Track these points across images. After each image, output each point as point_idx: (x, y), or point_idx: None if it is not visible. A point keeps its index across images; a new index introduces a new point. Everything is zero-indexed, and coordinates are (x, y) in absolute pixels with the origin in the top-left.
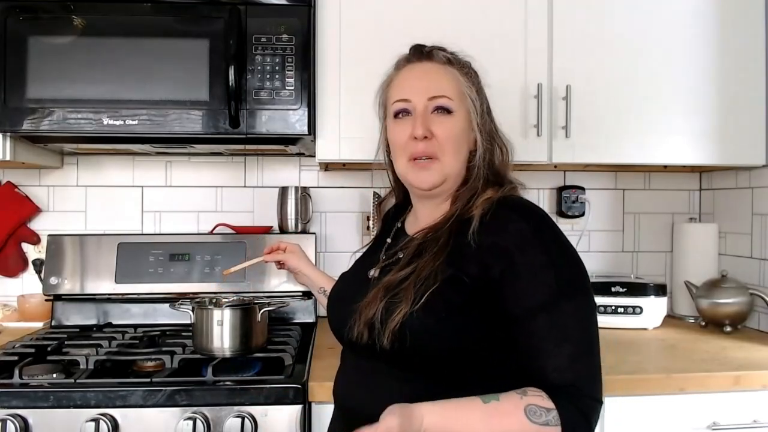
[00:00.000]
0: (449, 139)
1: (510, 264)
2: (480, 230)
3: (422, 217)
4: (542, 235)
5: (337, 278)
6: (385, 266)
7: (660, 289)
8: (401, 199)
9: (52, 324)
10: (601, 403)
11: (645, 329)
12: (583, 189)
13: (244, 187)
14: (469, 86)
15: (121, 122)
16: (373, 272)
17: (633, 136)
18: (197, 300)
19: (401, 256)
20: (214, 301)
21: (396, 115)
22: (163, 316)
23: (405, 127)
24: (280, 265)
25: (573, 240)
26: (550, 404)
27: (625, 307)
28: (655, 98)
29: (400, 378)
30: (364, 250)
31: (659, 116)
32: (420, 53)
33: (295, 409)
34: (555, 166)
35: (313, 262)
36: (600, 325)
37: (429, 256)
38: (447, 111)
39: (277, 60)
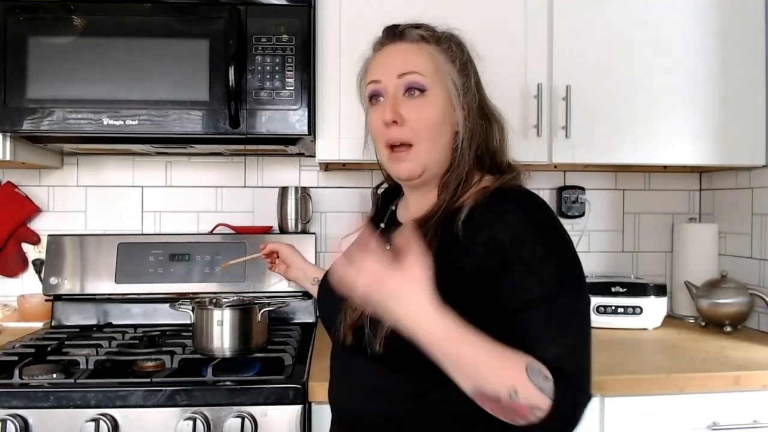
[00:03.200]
0: (422, 123)
1: (507, 258)
2: (472, 222)
3: (412, 204)
4: (540, 227)
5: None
6: None
7: (660, 289)
8: (394, 185)
9: (52, 324)
10: (590, 397)
11: (645, 329)
12: (583, 189)
13: (244, 187)
14: (448, 62)
15: (121, 122)
16: None
17: (633, 136)
18: (197, 300)
19: (388, 248)
20: (214, 301)
21: (370, 99)
22: (163, 316)
23: (378, 113)
24: (272, 263)
25: (573, 240)
26: (550, 376)
27: (625, 307)
28: (655, 98)
29: (389, 376)
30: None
31: (659, 116)
32: (393, 34)
33: (295, 409)
34: (555, 166)
35: (313, 262)
36: (600, 325)
37: None
38: (419, 90)
39: (277, 60)
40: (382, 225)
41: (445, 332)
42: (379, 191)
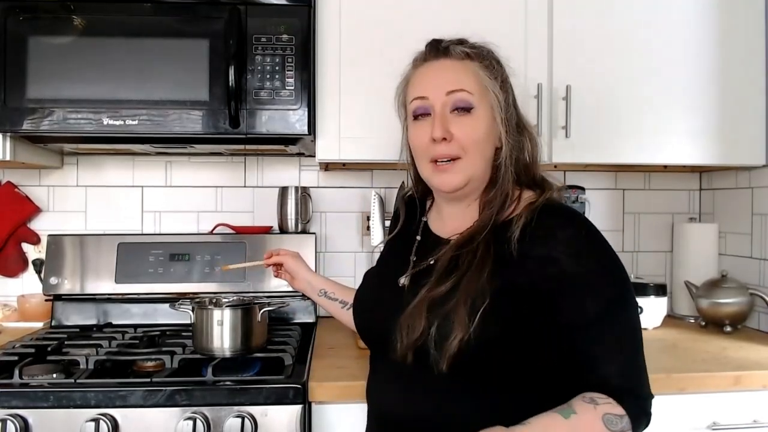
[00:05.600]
0: (470, 140)
1: (563, 274)
2: (525, 238)
3: (448, 217)
4: (592, 243)
5: (335, 281)
6: (416, 274)
7: (660, 289)
8: (422, 195)
9: (52, 324)
10: (653, 397)
11: (645, 329)
12: (583, 189)
13: (244, 187)
14: (491, 79)
15: (121, 122)
16: (404, 280)
17: (633, 136)
18: (197, 300)
19: (432, 262)
20: (214, 301)
21: (415, 116)
22: (163, 316)
23: (424, 129)
24: (277, 271)
25: None
26: (621, 411)
27: None
28: (655, 98)
29: (456, 390)
30: (386, 241)
31: (659, 116)
32: (436, 50)
33: (295, 409)
34: (555, 166)
35: (313, 262)
36: None
37: (472, 271)
38: (466, 109)
39: (277, 60)
40: (418, 237)
41: None
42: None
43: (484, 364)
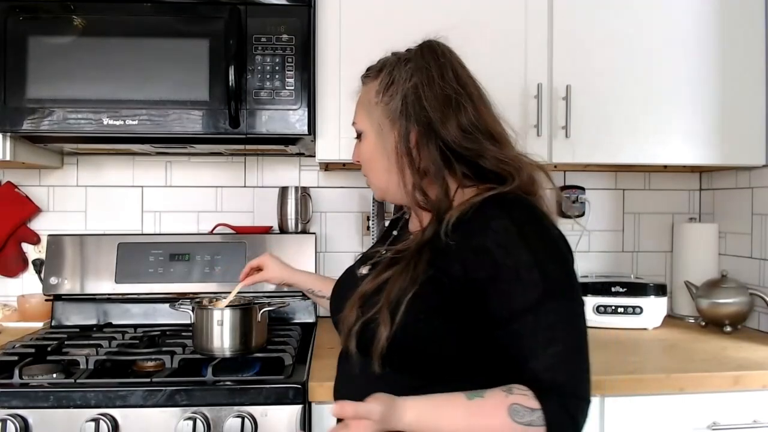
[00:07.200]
0: (363, 161)
1: (493, 265)
2: (459, 229)
3: (420, 216)
4: (527, 232)
5: (319, 275)
6: (374, 265)
7: (660, 289)
8: None
9: (52, 324)
10: (588, 402)
11: (645, 329)
12: (583, 189)
13: (244, 187)
14: (378, 94)
15: (121, 122)
16: (363, 269)
17: (633, 136)
18: (197, 300)
19: (384, 252)
20: (214, 301)
21: None
22: (163, 316)
23: None
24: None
25: (573, 240)
26: (535, 404)
27: (625, 307)
28: (655, 98)
29: (390, 382)
30: (376, 239)
31: (659, 116)
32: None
33: (295, 409)
34: (555, 166)
35: (313, 262)
36: (600, 325)
37: (404, 266)
38: (360, 136)
39: (277, 60)
40: (395, 232)
41: (421, 411)
42: None
43: (417, 356)
